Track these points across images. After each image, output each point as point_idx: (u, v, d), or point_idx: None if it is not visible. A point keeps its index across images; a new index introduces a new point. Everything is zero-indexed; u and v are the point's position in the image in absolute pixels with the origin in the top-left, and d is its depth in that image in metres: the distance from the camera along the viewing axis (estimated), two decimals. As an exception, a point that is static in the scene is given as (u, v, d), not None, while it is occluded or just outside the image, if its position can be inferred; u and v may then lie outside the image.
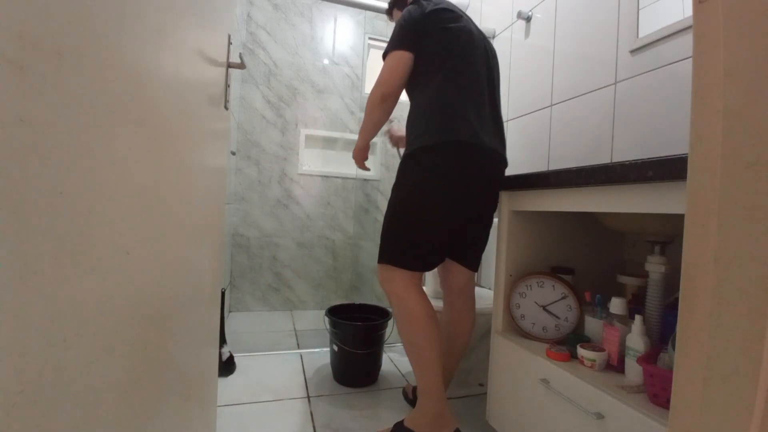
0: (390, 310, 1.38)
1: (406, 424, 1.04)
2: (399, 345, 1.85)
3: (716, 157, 0.34)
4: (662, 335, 0.81)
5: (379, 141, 2.40)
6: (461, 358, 1.20)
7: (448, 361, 1.17)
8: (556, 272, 1.01)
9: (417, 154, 1.02)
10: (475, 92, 1.04)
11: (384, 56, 1.07)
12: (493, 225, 1.20)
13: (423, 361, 1.00)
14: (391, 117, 1.15)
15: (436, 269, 1.25)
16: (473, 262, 1.17)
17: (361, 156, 1.25)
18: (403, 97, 1.14)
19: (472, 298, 1.20)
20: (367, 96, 1.10)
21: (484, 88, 1.07)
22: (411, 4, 1.11)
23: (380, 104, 1.07)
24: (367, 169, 1.32)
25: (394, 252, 1.04)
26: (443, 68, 1.02)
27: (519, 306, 1.01)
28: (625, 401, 0.68)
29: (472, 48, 1.07)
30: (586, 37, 1.27)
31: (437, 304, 1.28)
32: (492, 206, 1.13)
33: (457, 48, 1.04)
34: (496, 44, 1.83)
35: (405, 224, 1.03)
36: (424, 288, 1.06)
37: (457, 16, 1.08)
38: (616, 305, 0.83)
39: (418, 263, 1.04)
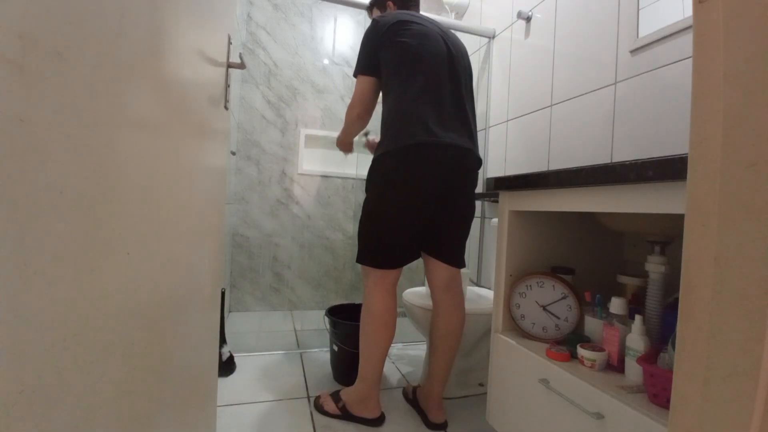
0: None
1: (341, 394, 1.21)
2: (399, 345, 1.86)
3: (716, 157, 0.34)
4: (662, 335, 0.81)
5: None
6: (454, 357, 1.19)
7: (440, 360, 1.17)
8: (556, 272, 1.01)
9: (376, 161, 1.13)
10: (432, 93, 1.08)
11: (354, 75, 1.18)
12: (494, 225, 1.20)
13: (369, 351, 1.14)
14: (367, 129, 1.33)
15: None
16: (452, 258, 1.18)
17: (345, 148, 1.40)
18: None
19: (458, 295, 1.19)
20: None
21: (443, 88, 1.10)
22: (372, 21, 1.18)
23: (357, 121, 1.22)
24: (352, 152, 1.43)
25: (363, 252, 1.16)
26: (398, 78, 1.10)
27: (519, 306, 1.01)
28: (625, 401, 0.68)
29: (427, 49, 1.11)
30: (586, 37, 1.28)
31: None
32: (465, 200, 1.16)
33: (409, 55, 1.09)
34: (496, 44, 1.83)
35: (367, 227, 1.15)
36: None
37: (411, 23, 1.12)
38: (616, 305, 0.83)
39: (382, 262, 1.13)
